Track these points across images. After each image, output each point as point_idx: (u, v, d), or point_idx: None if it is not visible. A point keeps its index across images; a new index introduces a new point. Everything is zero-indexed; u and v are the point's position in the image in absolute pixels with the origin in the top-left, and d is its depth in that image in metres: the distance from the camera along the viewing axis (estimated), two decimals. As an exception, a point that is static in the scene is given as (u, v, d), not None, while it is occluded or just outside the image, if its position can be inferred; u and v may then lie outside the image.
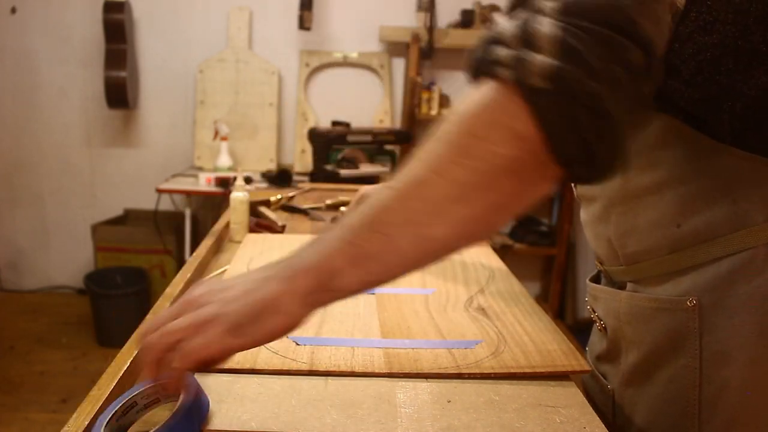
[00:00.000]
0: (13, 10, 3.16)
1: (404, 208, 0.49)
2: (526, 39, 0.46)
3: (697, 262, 0.65)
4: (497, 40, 0.48)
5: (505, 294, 0.98)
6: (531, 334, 0.82)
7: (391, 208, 0.49)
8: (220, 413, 0.59)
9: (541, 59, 0.45)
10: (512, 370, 0.71)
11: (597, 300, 0.81)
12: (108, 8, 2.98)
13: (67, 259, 3.43)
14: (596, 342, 0.84)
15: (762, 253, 0.61)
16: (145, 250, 3.09)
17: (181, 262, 3.02)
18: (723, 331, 0.63)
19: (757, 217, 0.62)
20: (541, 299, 3.56)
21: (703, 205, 0.64)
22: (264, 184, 2.83)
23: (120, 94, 3.04)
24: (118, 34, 3.01)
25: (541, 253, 3.43)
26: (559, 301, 3.36)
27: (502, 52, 0.47)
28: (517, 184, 0.48)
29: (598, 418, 0.62)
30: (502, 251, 3.22)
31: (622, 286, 0.77)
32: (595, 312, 0.82)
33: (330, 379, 0.67)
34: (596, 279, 0.86)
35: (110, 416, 0.56)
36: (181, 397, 0.55)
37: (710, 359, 0.64)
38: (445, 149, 0.48)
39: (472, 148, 0.47)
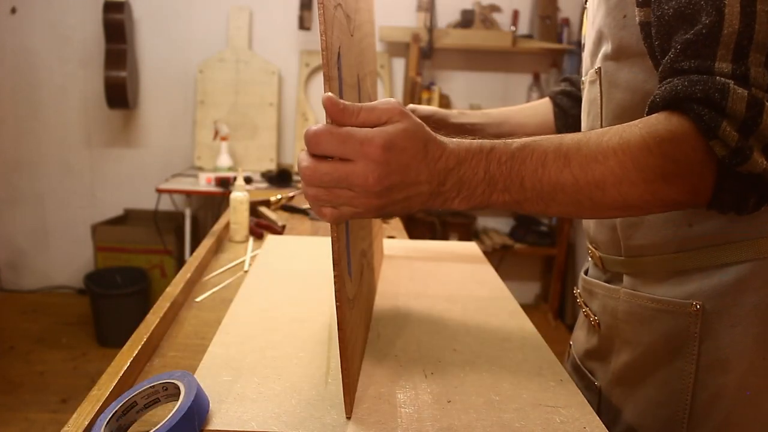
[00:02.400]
0: (13, 10, 3.16)
1: (575, 199, 0.55)
2: (752, 127, 0.50)
3: (704, 265, 0.65)
4: (722, 109, 0.51)
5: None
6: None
7: (565, 191, 0.55)
8: (220, 413, 0.59)
9: (759, 160, 0.51)
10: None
11: (593, 296, 0.80)
12: (108, 8, 2.98)
13: (67, 259, 3.43)
14: (584, 337, 0.83)
15: None
16: (145, 250, 3.09)
17: (181, 262, 3.02)
18: (723, 339, 0.63)
19: None
20: (541, 299, 3.56)
21: None
22: (264, 184, 2.83)
23: (120, 94, 3.04)
24: (118, 34, 3.01)
25: (541, 253, 3.43)
26: (559, 301, 3.36)
27: (729, 132, 0.51)
28: (664, 211, 0.57)
29: (598, 418, 0.62)
30: (502, 251, 3.22)
31: (614, 277, 0.76)
32: (587, 306, 0.81)
33: (330, 379, 0.67)
34: (586, 271, 0.86)
35: (110, 416, 0.56)
36: (181, 397, 0.56)
37: (707, 365, 0.64)
38: (633, 174, 0.53)
39: (656, 188, 0.53)
